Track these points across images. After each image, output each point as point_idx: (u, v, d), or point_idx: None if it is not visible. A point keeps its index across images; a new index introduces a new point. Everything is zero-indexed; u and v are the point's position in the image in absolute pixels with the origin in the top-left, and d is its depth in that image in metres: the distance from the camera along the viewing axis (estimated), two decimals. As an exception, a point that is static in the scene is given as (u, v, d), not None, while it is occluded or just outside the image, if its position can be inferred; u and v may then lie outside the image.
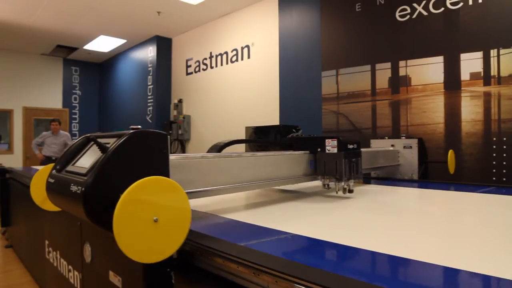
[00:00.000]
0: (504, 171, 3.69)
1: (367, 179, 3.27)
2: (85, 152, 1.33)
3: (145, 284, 1.16)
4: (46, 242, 2.81)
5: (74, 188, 1.09)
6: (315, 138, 2.23)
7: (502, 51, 3.80)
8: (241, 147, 3.43)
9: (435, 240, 1.26)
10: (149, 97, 8.76)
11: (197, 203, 1.86)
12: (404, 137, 3.51)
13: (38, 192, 1.66)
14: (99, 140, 1.21)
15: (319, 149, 2.15)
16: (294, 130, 2.61)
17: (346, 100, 5.04)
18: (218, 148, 2.06)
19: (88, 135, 1.35)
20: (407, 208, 1.97)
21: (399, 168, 3.39)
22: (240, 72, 6.87)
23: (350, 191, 2.11)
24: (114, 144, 1.12)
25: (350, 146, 2.11)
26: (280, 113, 5.99)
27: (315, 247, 1.19)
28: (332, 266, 1.03)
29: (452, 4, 4.12)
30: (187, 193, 1.25)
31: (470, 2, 3.99)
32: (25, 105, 9.92)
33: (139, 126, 1.23)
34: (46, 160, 7.10)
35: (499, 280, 0.88)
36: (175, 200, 1.07)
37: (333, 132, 5.06)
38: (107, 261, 1.37)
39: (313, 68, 5.45)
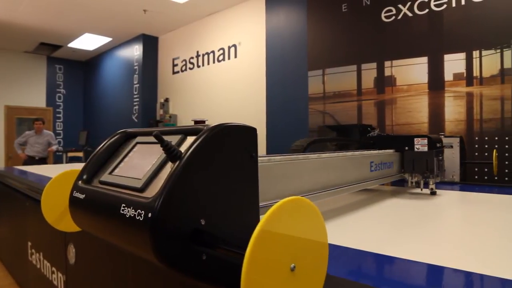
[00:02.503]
0: (486, 170, 3.75)
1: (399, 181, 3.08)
2: (126, 155, 0.93)
3: None
4: (29, 243, 2.74)
5: (129, 211, 0.70)
6: (401, 137, 2.31)
7: (484, 52, 3.87)
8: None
9: None
10: (135, 96, 8.67)
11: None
12: (443, 136, 3.31)
13: (51, 208, 1.15)
14: (144, 138, 0.89)
15: (406, 148, 2.21)
16: (369, 128, 2.61)
17: (332, 99, 5.07)
18: (304, 146, 2.08)
19: (132, 130, 1.00)
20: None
21: None
22: (227, 72, 6.85)
23: (433, 192, 2.16)
24: (191, 146, 0.74)
25: (438, 145, 2.20)
26: (267, 113, 5.99)
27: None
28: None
29: (436, 6, 4.18)
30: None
31: (454, 4, 4.06)
32: (7, 104, 9.71)
33: (206, 119, 0.84)
34: (29, 160, 6.96)
35: None
36: (313, 232, 0.66)
37: (317, 132, 5.07)
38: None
39: (299, 67, 5.46)
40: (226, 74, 6.86)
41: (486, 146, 3.78)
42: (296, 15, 5.63)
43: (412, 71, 4.38)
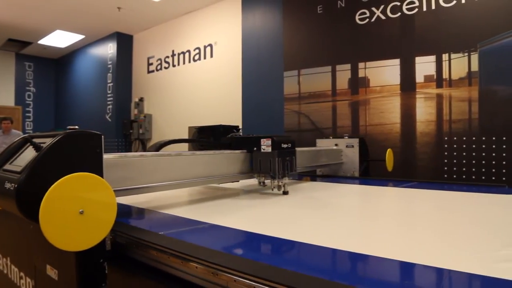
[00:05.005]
0: (455, 168, 3.86)
1: (313, 177, 3.42)
2: (22, 152, 1.38)
3: (78, 275, 1.19)
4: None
5: (8, 185, 1.16)
6: (252, 137, 2.34)
7: (453, 55, 3.98)
8: (185, 146, 3.36)
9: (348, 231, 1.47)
10: (109, 95, 8.47)
11: (139, 200, 1.97)
12: (347, 137, 3.65)
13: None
14: (38, 140, 1.28)
15: (255, 148, 2.27)
16: (234, 130, 2.73)
17: (307, 100, 5.10)
18: (157, 146, 2.17)
19: (26, 135, 1.43)
20: (330, 203, 2.18)
21: (342, 166, 3.55)
22: (202, 71, 6.80)
23: (285, 192, 2.24)
24: (47, 144, 1.19)
25: (284, 146, 2.24)
26: (243, 113, 5.96)
27: (242, 238, 1.38)
28: (258, 256, 1.18)
29: (408, 9, 4.28)
30: (124, 189, 1.53)
31: (424, 8, 4.16)
32: (-27, 102, 9.30)
33: (76, 127, 1.30)
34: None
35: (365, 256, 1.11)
36: (101, 195, 1.18)
37: (294, 132, 5.10)
38: (44, 255, 1.37)
39: (275, 68, 5.47)
40: (202, 73, 6.80)
41: (455, 145, 3.88)
42: (272, 16, 5.64)
43: (385, 72, 4.46)
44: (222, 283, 0.99)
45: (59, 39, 8.77)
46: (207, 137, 2.74)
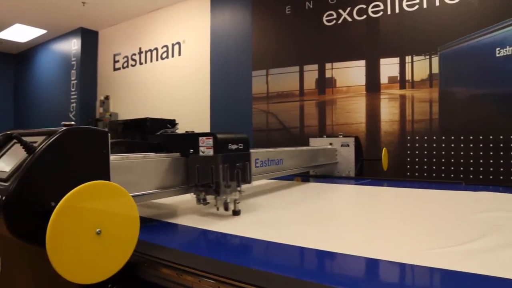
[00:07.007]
0: (417, 167, 3.99)
1: (306, 177, 3.32)
2: (4, 153, 1.11)
3: None
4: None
5: None
6: (187, 135, 1.74)
7: (415, 58, 4.12)
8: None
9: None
10: (73, 93, 8.16)
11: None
12: (341, 136, 3.58)
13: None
14: (24, 138, 1.02)
15: (191, 151, 1.62)
16: (168, 125, 2.04)
17: (275, 99, 5.12)
18: None
19: (9, 132, 1.14)
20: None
21: (337, 166, 3.46)
22: (170, 70, 6.69)
23: (236, 212, 1.62)
24: (43, 143, 0.94)
25: (233, 147, 1.62)
26: (211, 111, 5.92)
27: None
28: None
29: (374, 12, 4.38)
30: None
31: (389, 12, 4.28)
32: None
33: (73, 122, 1.05)
34: None
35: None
36: (121, 207, 0.93)
37: (262, 131, 5.11)
38: (33, 283, 1.11)
39: (244, 67, 5.46)
40: (170, 72, 6.69)
41: (417, 145, 4.01)
42: (241, 15, 5.63)
43: (351, 73, 4.55)
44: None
45: (19, 33, 8.35)
46: (133, 135, 2.03)
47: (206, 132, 1.62)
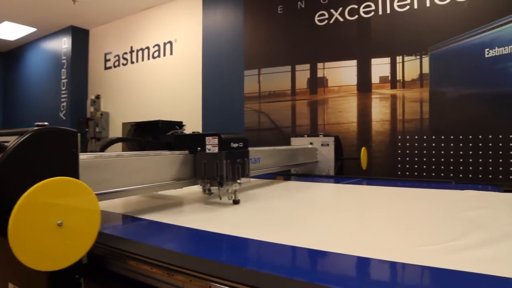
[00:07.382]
0: (407, 166, 4.02)
1: (287, 176, 3.37)
2: None
3: None
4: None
5: None
6: (195, 135, 2.01)
7: (406, 58, 4.14)
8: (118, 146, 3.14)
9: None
10: (63, 92, 8.08)
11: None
12: (321, 135, 3.66)
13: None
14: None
15: (199, 149, 1.91)
16: (177, 126, 2.33)
17: (267, 99, 5.12)
18: (102, 145, 1.81)
19: None
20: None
21: (318, 165, 3.56)
22: (162, 69, 6.65)
23: (236, 201, 1.91)
24: (14, 143, 1.00)
25: (234, 145, 1.91)
26: (203, 111, 5.90)
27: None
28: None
29: (365, 12, 4.41)
30: (100, 194, 1.35)
31: (380, 12, 4.31)
32: None
33: (46, 123, 1.10)
34: None
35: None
36: (82, 202, 1.02)
37: (254, 131, 5.11)
38: (5, 271, 1.18)
39: (235, 66, 5.46)
40: (162, 71, 6.66)
41: (408, 144, 4.04)
42: (233, 14, 5.62)
43: (342, 73, 4.57)
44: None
45: (8, 31, 8.24)
46: (145, 135, 2.34)
47: (211, 132, 1.91)
